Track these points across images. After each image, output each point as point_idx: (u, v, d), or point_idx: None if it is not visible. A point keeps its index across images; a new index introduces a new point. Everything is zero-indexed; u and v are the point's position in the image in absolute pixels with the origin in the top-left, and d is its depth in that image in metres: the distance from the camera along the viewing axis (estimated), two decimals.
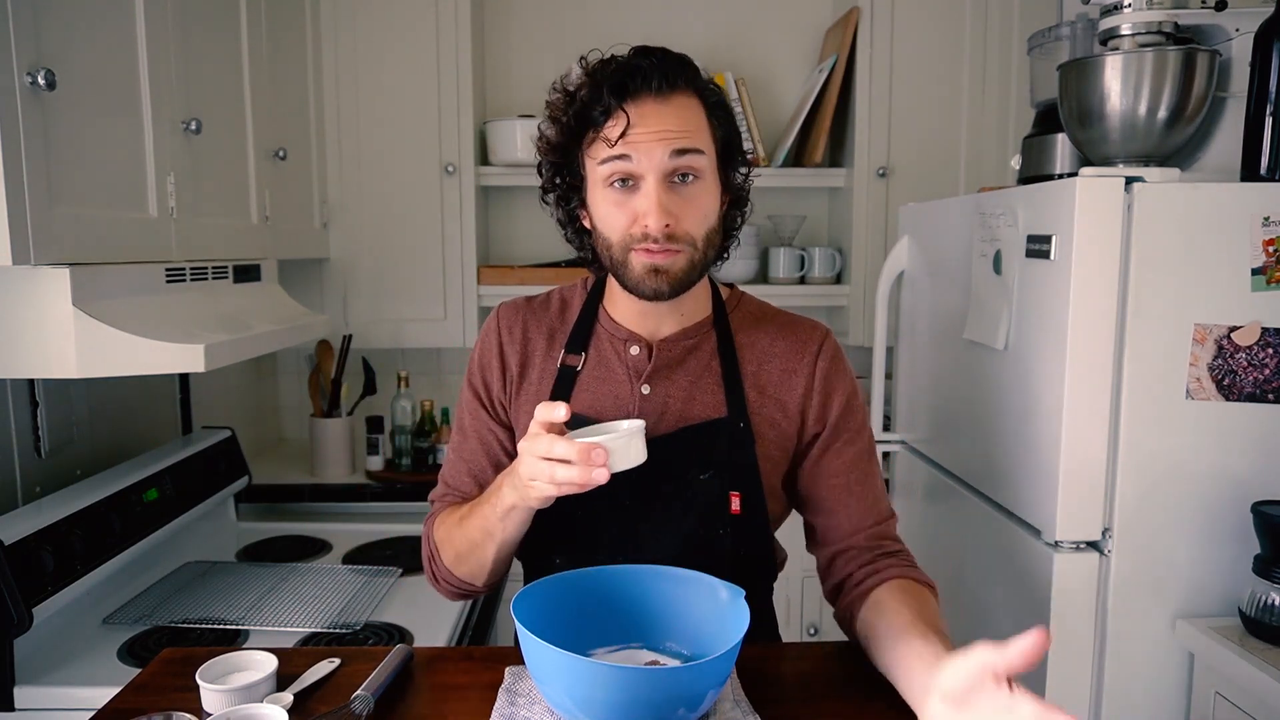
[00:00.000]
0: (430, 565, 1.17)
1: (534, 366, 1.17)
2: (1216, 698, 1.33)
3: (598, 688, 0.85)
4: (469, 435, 1.20)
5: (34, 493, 1.58)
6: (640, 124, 1.02)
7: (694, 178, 1.05)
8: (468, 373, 1.22)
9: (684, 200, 1.05)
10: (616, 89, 1.03)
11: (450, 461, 1.22)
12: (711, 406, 1.13)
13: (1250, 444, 1.37)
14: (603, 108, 1.03)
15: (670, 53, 1.07)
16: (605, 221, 1.08)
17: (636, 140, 1.02)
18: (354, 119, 2.41)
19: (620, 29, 2.70)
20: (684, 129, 1.04)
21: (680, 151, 1.03)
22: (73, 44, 1.26)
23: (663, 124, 1.03)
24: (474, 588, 1.15)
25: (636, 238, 1.04)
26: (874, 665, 1.02)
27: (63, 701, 1.31)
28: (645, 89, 1.03)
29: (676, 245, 1.05)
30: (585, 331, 1.17)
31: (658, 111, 1.03)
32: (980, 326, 1.64)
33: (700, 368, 1.15)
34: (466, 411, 1.21)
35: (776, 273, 2.60)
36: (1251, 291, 1.34)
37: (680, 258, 1.05)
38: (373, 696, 0.95)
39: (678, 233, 1.04)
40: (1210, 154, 1.52)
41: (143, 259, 1.42)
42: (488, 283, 2.51)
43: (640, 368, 1.14)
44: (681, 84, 1.05)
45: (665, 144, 1.02)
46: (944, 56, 2.48)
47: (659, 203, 1.02)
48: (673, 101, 1.04)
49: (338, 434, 2.39)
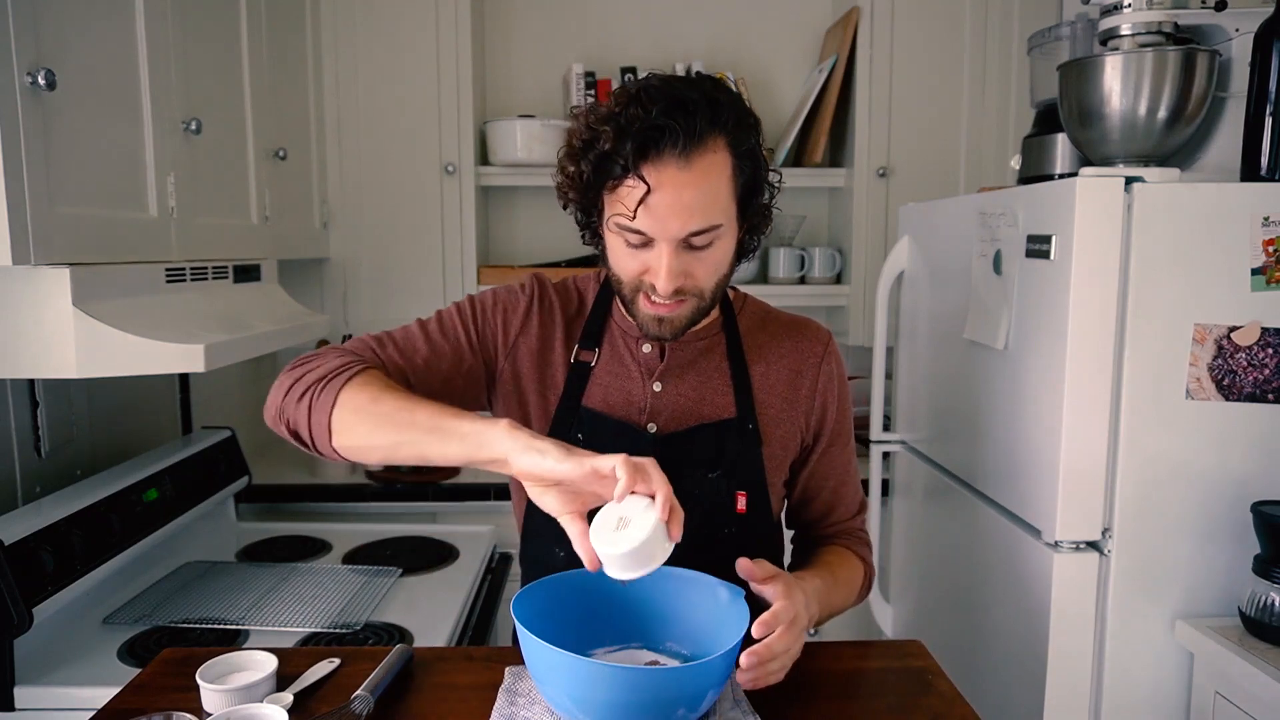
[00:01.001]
0: (313, 383, 1.01)
1: (553, 350, 1.17)
2: (1216, 698, 1.33)
3: (598, 688, 0.85)
4: (447, 335, 1.14)
5: (34, 493, 1.58)
6: (659, 191, 0.96)
7: (710, 243, 1.02)
8: (478, 297, 1.18)
9: (697, 259, 1.02)
10: (639, 150, 0.96)
11: (411, 334, 1.13)
12: (721, 407, 1.15)
13: (1250, 444, 1.37)
14: (621, 167, 0.97)
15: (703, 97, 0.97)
16: (616, 262, 1.05)
17: (653, 209, 0.97)
18: (354, 119, 2.41)
19: (620, 29, 2.70)
20: (703, 202, 0.98)
21: (698, 232, 0.99)
22: (73, 44, 1.26)
23: (682, 197, 0.97)
24: (323, 441, 1.01)
25: (646, 286, 1.03)
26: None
27: (63, 701, 1.31)
28: (670, 149, 0.96)
29: (683, 297, 1.04)
30: (599, 328, 1.18)
31: (679, 179, 0.96)
32: (980, 326, 1.64)
33: (711, 368, 1.17)
34: (456, 317, 1.15)
35: (776, 273, 2.60)
36: (1251, 291, 1.34)
37: (685, 308, 1.05)
38: (373, 696, 0.95)
39: (686, 287, 1.03)
40: (1210, 154, 1.52)
41: (143, 259, 1.42)
42: (488, 283, 2.51)
43: (653, 366, 1.15)
44: (709, 137, 0.97)
45: (683, 222, 0.98)
46: (944, 56, 2.48)
47: (669, 269, 1.00)
48: (696, 165, 0.97)
49: None
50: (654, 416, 1.14)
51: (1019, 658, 1.50)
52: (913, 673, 1.07)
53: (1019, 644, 1.50)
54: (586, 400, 1.15)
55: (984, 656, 1.64)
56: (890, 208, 2.49)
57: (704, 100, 0.97)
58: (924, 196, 2.19)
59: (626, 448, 1.06)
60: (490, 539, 2.00)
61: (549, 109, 2.69)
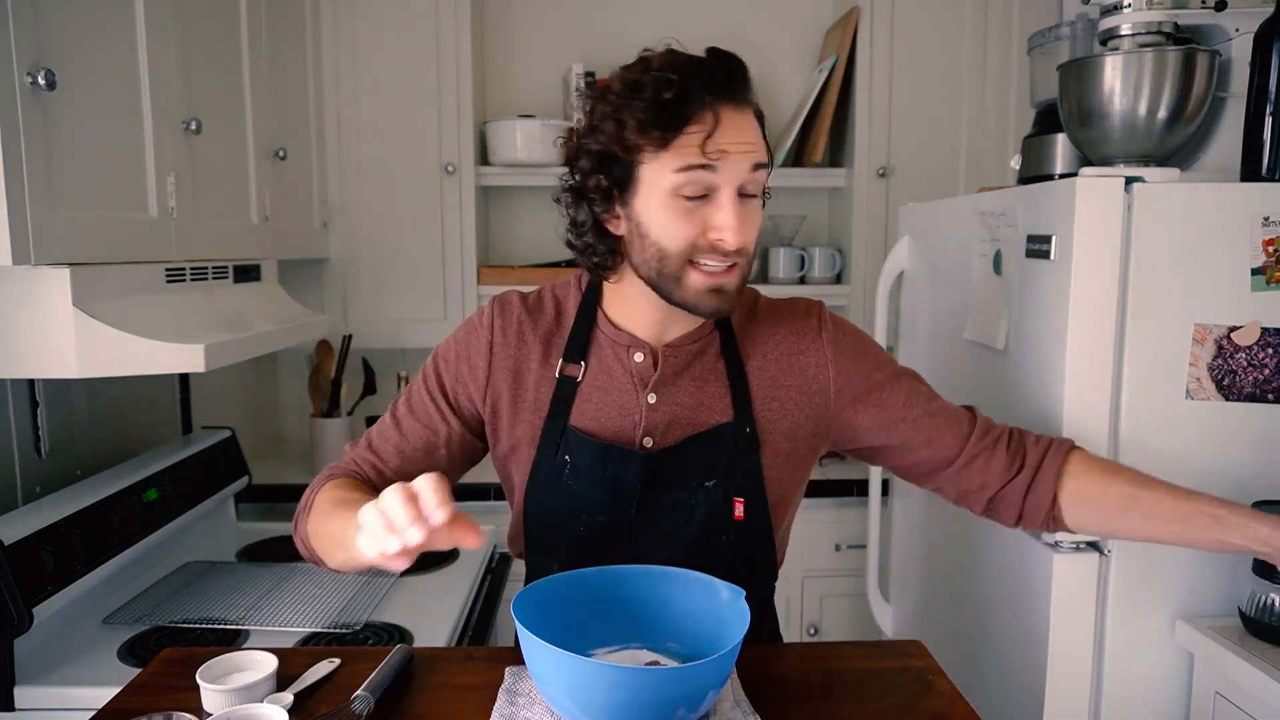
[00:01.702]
0: (299, 513, 1.09)
1: (529, 375, 1.11)
2: (1216, 698, 1.33)
3: (598, 688, 0.85)
4: (416, 414, 1.12)
5: (34, 493, 1.58)
6: (727, 127, 0.96)
7: (756, 193, 1.02)
8: (439, 353, 1.14)
9: (750, 214, 1.01)
10: (711, 87, 0.95)
11: (384, 426, 1.14)
12: (718, 411, 1.10)
13: (1250, 444, 1.37)
14: (695, 107, 0.95)
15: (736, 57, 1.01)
16: (668, 231, 0.99)
17: (726, 149, 0.96)
18: (354, 119, 2.41)
19: (621, 29, 2.70)
20: (759, 142, 1.00)
21: (758, 166, 0.99)
22: (73, 44, 1.26)
23: (746, 135, 0.98)
24: (323, 564, 1.06)
25: (703, 249, 0.99)
26: (1111, 533, 1.17)
27: (63, 701, 1.31)
28: (734, 93, 0.97)
29: (737, 259, 1.01)
30: (584, 338, 1.11)
31: (741, 121, 0.98)
32: (980, 326, 1.64)
33: (706, 370, 1.11)
34: (424, 392, 1.13)
35: (776, 273, 2.60)
36: (1251, 291, 1.34)
37: (736, 273, 1.02)
38: (373, 696, 0.95)
39: (744, 246, 1.01)
40: (1210, 154, 1.52)
41: (143, 259, 1.42)
42: (487, 283, 2.51)
43: (646, 376, 1.09)
44: (748, 94, 1.01)
45: (749, 156, 0.97)
46: (944, 56, 2.48)
47: (739, 217, 0.98)
48: (746, 111, 1.00)
49: (338, 434, 2.39)
50: (649, 431, 1.09)
51: (1019, 658, 1.50)
52: (913, 673, 1.07)
53: (1019, 644, 1.50)
54: (574, 419, 1.09)
55: (984, 656, 1.64)
56: (890, 208, 2.49)
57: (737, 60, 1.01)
58: (924, 196, 2.19)
59: (615, 470, 1.07)
60: (490, 539, 2.00)
61: (549, 109, 2.70)
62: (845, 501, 2.38)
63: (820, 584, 2.43)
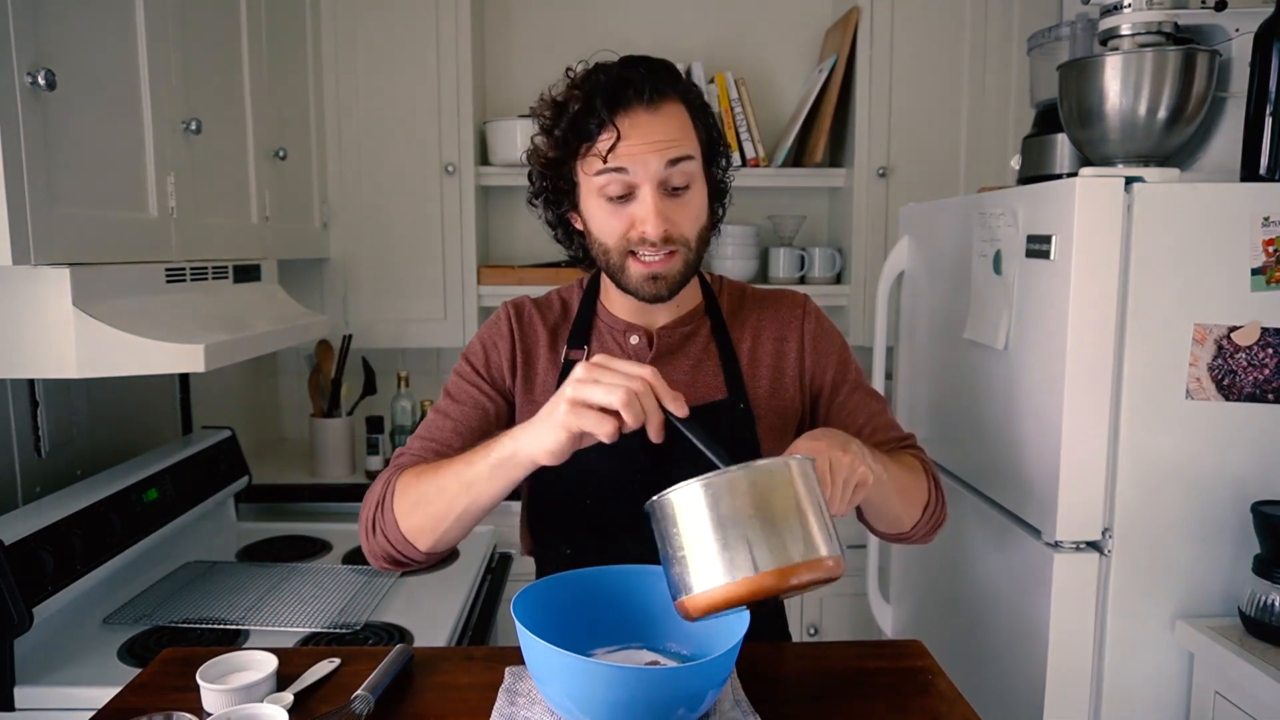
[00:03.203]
0: (375, 511, 1.09)
1: (539, 360, 1.20)
2: (1216, 698, 1.33)
3: (598, 688, 0.85)
4: (461, 400, 1.18)
5: (34, 493, 1.58)
6: (634, 135, 1.04)
7: (687, 183, 1.08)
8: (467, 352, 1.22)
9: (679, 205, 1.08)
10: (609, 101, 1.04)
11: (432, 421, 1.18)
12: (713, 389, 1.17)
13: (1250, 444, 1.37)
14: (596, 121, 1.05)
15: (656, 60, 1.09)
16: (602, 229, 1.10)
17: (632, 152, 1.04)
18: (354, 119, 2.41)
19: (620, 29, 2.70)
20: (675, 137, 1.06)
21: (674, 160, 1.06)
22: (73, 44, 1.26)
23: (655, 134, 1.05)
24: (412, 550, 1.07)
25: (634, 242, 1.08)
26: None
27: (63, 701, 1.31)
28: (637, 100, 1.04)
29: (672, 247, 1.08)
30: (585, 327, 1.21)
31: (649, 121, 1.05)
32: (980, 326, 1.64)
33: (699, 352, 1.19)
34: (463, 381, 1.20)
35: (776, 273, 2.60)
36: (1251, 291, 1.34)
37: (676, 260, 1.09)
38: (373, 696, 0.95)
39: (674, 236, 1.08)
40: (1210, 154, 1.52)
41: (143, 259, 1.42)
42: (488, 283, 2.51)
43: (642, 356, 1.18)
44: (669, 91, 1.07)
45: (660, 154, 1.05)
46: (944, 56, 2.48)
47: (656, 210, 1.06)
48: (662, 110, 1.06)
49: (338, 434, 2.39)
50: None
51: (1019, 658, 1.50)
52: (913, 673, 1.07)
53: (1019, 644, 1.50)
54: None
55: (984, 656, 1.64)
56: (890, 208, 2.49)
57: (658, 61, 1.08)
58: (924, 196, 2.19)
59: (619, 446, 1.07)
60: (490, 539, 2.00)
61: None
62: None
63: None
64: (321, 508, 2.28)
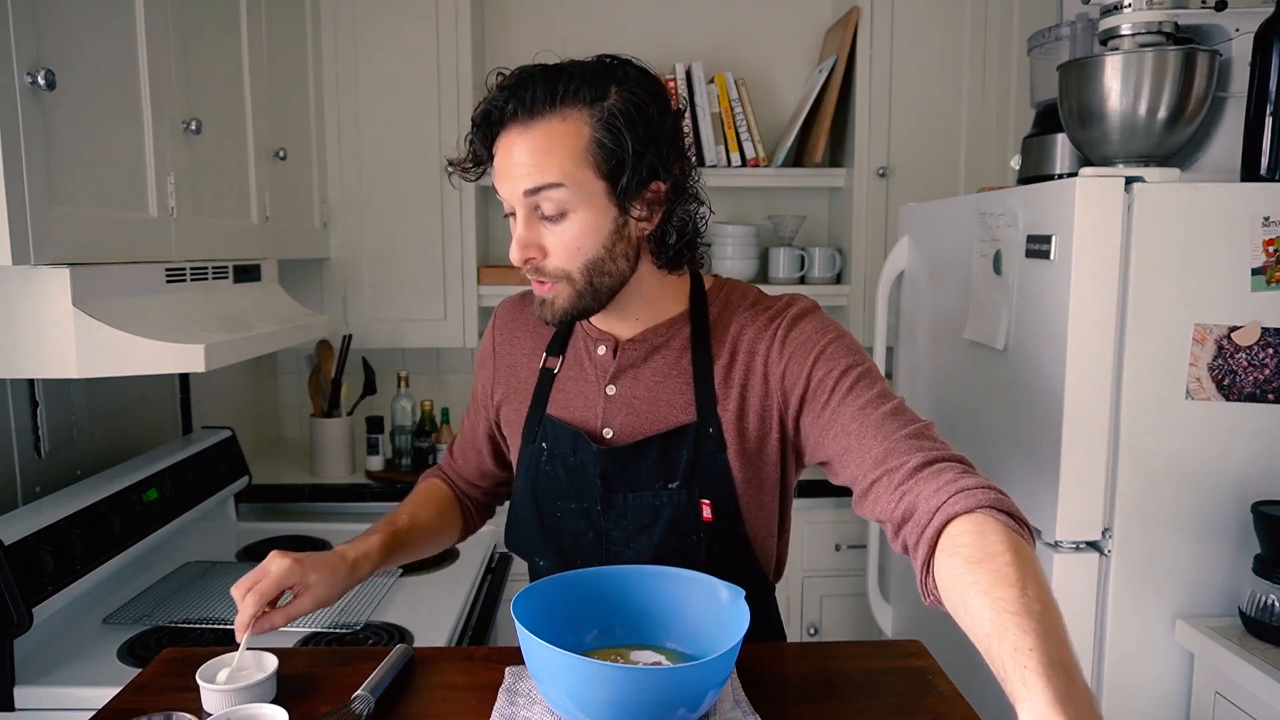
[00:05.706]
0: None
1: (522, 368, 1.20)
2: (1216, 698, 1.33)
3: (598, 688, 0.85)
4: (471, 415, 1.30)
5: (34, 493, 1.58)
6: (500, 156, 1.00)
7: (559, 211, 0.98)
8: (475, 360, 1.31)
9: (549, 234, 1.00)
10: (485, 117, 1.00)
11: (461, 426, 1.34)
12: (680, 408, 1.08)
13: (1250, 444, 1.37)
14: (480, 137, 1.02)
15: (549, 70, 0.98)
16: None
17: (498, 175, 1.01)
18: (354, 119, 2.41)
19: (620, 29, 2.70)
20: (535, 162, 0.96)
21: (530, 191, 0.98)
22: (73, 44, 1.26)
23: (517, 157, 0.98)
24: None
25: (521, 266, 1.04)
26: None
27: (63, 701, 1.31)
28: (512, 120, 0.98)
29: (545, 279, 1.02)
30: (564, 332, 1.18)
31: (517, 142, 0.98)
32: (980, 326, 1.64)
33: (668, 366, 1.09)
34: (473, 395, 1.30)
35: (776, 273, 2.60)
36: (1251, 291, 1.34)
37: (557, 291, 1.02)
38: (373, 696, 0.94)
39: (545, 268, 1.01)
40: (1210, 154, 1.52)
41: (143, 259, 1.42)
42: (488, 283, 2.51)
43: (606, 367, 1.12)
44: (548, 107, 0.96)
45: (514, 178, 0.98)
46: (944, 56, 2.48)
47: (517, 238, 1.01)
48: (535, 130, 0.97)
49: (338, 434, 2.39)
50: (608, 422, 1.10)
51: None
52: (913, 673, 1.07)
53: None
54: (550, 408, 1.15)
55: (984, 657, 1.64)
56: (890, 208, 2.49)
57: (544, 73, 0.98)
58: (924, 196, 2.19)
59: (582, 458, 1.11)
60: (490, 539, 2.00)
61: None
62: (845, 501, 2.35)
63: (820, 584, 2.43)
64: (321, 508, 2.28)
